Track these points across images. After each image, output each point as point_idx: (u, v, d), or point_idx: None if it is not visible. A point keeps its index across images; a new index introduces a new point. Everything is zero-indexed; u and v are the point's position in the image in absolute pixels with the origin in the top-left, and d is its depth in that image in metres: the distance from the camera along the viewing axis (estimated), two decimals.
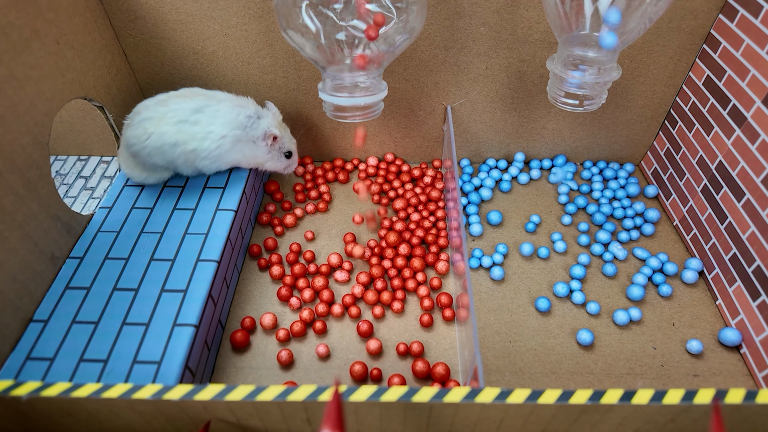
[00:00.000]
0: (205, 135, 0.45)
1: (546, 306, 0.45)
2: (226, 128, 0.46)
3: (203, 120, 0.45)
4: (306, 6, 0.37)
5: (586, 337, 0.43)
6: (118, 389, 0.26)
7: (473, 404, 0.25)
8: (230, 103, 0.46)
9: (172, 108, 0.45)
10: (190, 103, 0.45)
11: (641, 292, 0.46)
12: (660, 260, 0.49)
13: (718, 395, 0.24)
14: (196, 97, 0.46)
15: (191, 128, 0.45)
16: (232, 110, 0.46)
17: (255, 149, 0.48)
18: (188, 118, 0.45)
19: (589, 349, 0.43)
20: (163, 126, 0.44)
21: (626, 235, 0.51)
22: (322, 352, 0.42)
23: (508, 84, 0.53)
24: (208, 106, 0.45)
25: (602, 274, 0.48)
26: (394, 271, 0.47)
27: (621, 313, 0.45)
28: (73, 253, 0.42)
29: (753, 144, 0.42)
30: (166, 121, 0.44)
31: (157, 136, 0.44)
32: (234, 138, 0.46)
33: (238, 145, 0.47)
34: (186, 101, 0.45)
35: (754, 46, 0.42)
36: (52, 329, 0.37)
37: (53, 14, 0.40)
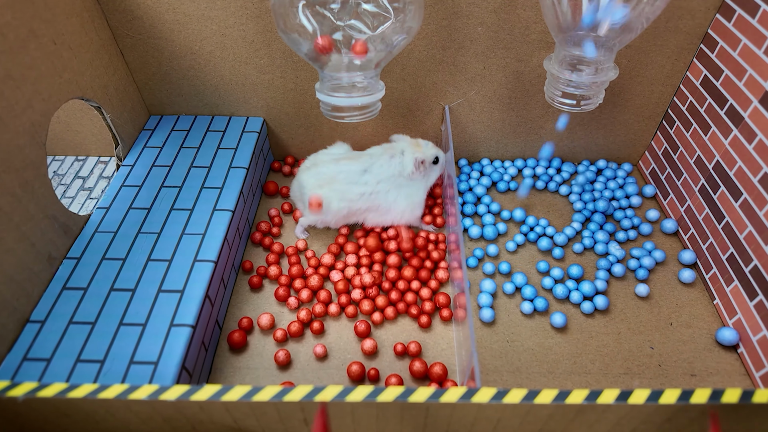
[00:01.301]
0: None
1: (543, 306, 0.45)
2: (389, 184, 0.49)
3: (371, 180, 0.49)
4: (303, 6, 0.37)
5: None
6: (115, 390, 0.26)
7: (470, 404, 0.25)
8: (384, 156, 0.49)
9: (342, 170, 0.48)
10: (358, 165, 0.49)
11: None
12: (657, 260, 0.49)
13: (714, 396, 0.24)
14: (362, 158, 0.49)
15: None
16: (389, 162, 0.48)
17: (413, 182, 0.49)
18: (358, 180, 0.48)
19: (587, 348, 0.43)
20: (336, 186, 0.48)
21: (624, 234, 0.51)
22: (319, 353, 0.42)
23: (505, 84, 0.53)
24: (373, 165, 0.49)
25: (600, 274, 0.48)
26: (394, 272, 0.47)
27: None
28: (70, 253, 0.42)
29: (750, 144, 0.42)
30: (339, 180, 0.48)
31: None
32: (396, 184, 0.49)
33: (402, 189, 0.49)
34: (353, 163, 0.49)
35: (752, 46, 0.42)
36: (49, 330, 0.37)
37: (50, 14, 0.40)
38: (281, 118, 0.56)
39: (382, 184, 0.48)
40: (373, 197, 0.48)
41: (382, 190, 0.48)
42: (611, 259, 0.49)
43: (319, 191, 0.48)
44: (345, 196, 0.48)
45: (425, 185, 0.50)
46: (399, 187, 0.49)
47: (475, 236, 0.51)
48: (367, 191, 0.48)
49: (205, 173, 0.49)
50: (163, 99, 0.55)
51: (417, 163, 0.48)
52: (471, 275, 0.49)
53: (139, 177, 0.49)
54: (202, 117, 0.56)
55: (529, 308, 0.45)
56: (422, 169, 0.49)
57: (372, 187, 0.48)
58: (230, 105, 0.55)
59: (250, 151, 0.52)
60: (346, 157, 0.50)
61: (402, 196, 0.49)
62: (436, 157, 0.50)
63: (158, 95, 0.54)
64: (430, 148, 0.50)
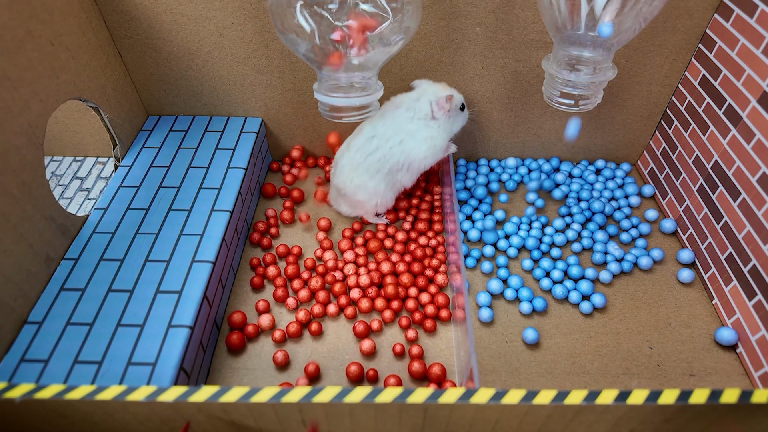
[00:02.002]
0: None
1: (542, 306, 0.45)
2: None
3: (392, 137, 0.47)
4: (300, 6, 0.37)
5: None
6: (112, 391, 0.26)
7: (468, 405, 0.25)
8: (398, 110, 0.48)
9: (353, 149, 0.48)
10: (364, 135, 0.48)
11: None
12: (656, 259, 0.49)
13: (712, 396, 0.24)
14: (366, 126, 0.48)
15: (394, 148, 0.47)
16: (405, 113, 0.47)
17: (439, 125, 0.48)
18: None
19: (585, 349, 0.43)
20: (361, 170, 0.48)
21: (624, 235, 0.51)
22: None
23: (504, 84, 0.53)
24: (380, 125, 0.48)
25: (599, 273, 0.48)
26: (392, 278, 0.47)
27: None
28: (68, 254, 0.42)
29: (748, 144, 0.42)
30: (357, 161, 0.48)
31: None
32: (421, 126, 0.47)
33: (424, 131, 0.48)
34: (360, 136, 0.48)
35: (750, 45, 0.42)
36: (47, 331, 0.37)
37: (47, 15, 0.40)
38: (279, 118, 0.56)
39: (392, 138, 0.47)
40: (392, 155, 0.47)
41: (395, 144, 0.47)
42: (610, 259, 0.49)
43: (356, 181, 0.48)
44: (373, 172, 0.48)
45: (448, 131, 0.49)
46: (415, 132, 0.47)
47: (473, 237, 0.51)
48: (383, 154, 0.47)
49: (203, 174, 0.49)
50: (161, 99, 0.55)
51: (442, 101, 0.46)
52: (469, 276, 0.48)
53: (137, 177, 0.48)
54: (200, 117, 0.56)
55: (528, 308, 0.45)
56: (449, 108, 0.47)
57: (385, 149, 0.47)
58: (228, 105, 0.55)
59: (249, 151, 0.52)
60: (356, 133, 0.49)
61: (419, 140, 0.47)
62: (463, 103, 0.49)
63: (156, 96, 0.54)
64: (456, 92, 0.49)
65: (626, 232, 0.52)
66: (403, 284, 0.46)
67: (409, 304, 0.45)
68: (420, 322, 0.44)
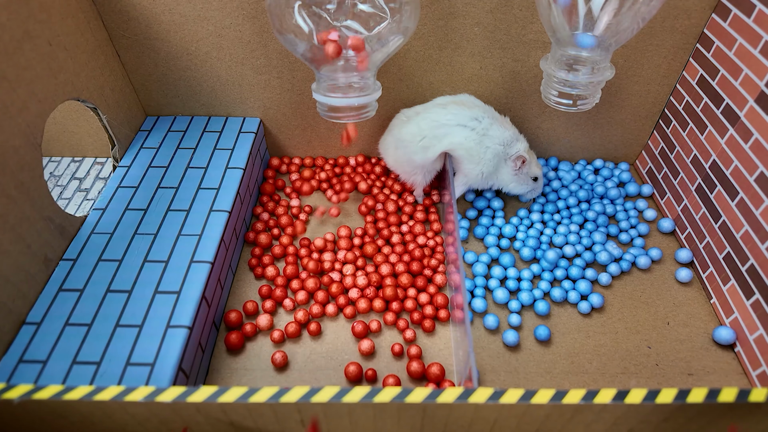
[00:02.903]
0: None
1: (541, 306, 0.45)
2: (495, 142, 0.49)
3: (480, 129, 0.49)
4: (298, 7, 0.37)
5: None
6: (111, 391, 0.26)
7: (467, 404, 0.25)
8: (498, 123, 0.50)
9: (451, 111, 0.49)
10: (469, 112, 0.49)
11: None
12: (654, 258, 0.49)
13: (710, 395, 0.24)
14: (474, 108, 0.49)
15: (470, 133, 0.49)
16: (500, 129, 0.49)
17: (504, 168, 0.50)
18: (467, 124, 0.49)
19: (584, 348, 0.43)
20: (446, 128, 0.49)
21: (623, 235, 0.51)
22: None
23: (502, 84, 0.53)
24: (484, 119, 0.49)
25: (598, 275, 0.48)
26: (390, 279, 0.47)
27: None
28: (66, 254, 0.42)
29: (746, 143, 0.42)
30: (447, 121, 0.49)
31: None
32: (495, 153, 0.49)
33: (495, 159, 0.50)
34: (465, 109, 0.49)
35: (747, 45, 0.42)
36: (45, 331, 0.37)
37: (45, 15, 0.40)
38: (278, 118, 0.56)
39: (489, 141, 0.49)
40: (450, 147, 0.49)
41: (488, 145, 0.49)
42: (607, 258, 0.49)
43: (420, 141, 0.49)
44: (423, 149, 0.50)
45: (505, 181, 0.51)
46: (484, 153, 0.49)
47: (473, 237, 0.51)
48: (450, 142, 0.49)
49: (201, 174, 0.49)
50: (160, 100, 0.55)
51: (518, 156, 0.49)
52: (468, 275, 0.48)
53: (136, 178, 0.48)
54: (198, 118, 0.56)
55: (526, 307, 0.45)
56: (519, 168, 0.50)
57: (479, 137, 0.49)
58: (227, 105, 0.55)
59: (247, 151, 0.52)
60: (454, 105, 0.50)
61: (479, 161, 0.49)
62: (536, 176, 0.51)
63: (155, 96, 0.54)
64: (536, 165, 0.51)
65: (625, 232, 0.52)
66: (402, 285, 0.46)
67: (408, 305, 0.45)
68: (419, 322, 0.44)
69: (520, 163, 0.50)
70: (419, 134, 0.49)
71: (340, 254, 0.49)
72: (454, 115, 0.48)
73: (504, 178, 0.51)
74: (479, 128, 0.48)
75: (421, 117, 0.49)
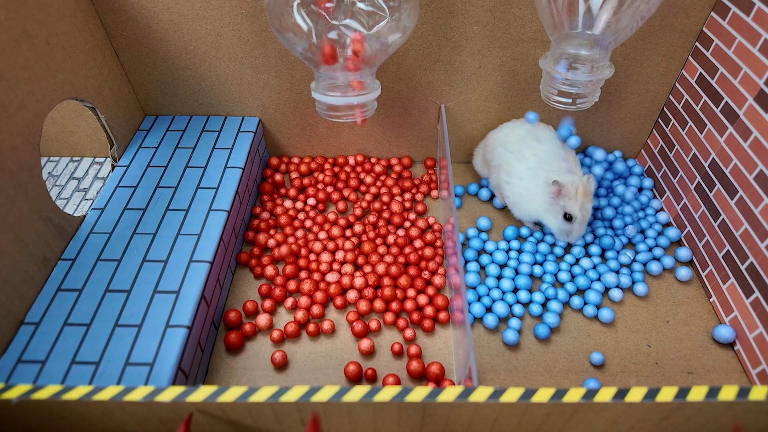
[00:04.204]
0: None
1: (540, 305, 0.45)
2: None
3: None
4: (297, 5, 0.37)
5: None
6: (110, 391, 0.26)
7: (467, 403, 0.25)
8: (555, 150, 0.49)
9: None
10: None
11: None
12: (654, 257, 0.49)
13: (710, 394, 0.24)
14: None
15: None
16: (553, 155, 0.48)
17: (541, 195, 0.48)
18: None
19: (584, 347, 0.43)
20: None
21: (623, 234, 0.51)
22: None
23: (501, 83, 0.53)
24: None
25: (596, 272, 0.48)
26: (389, 279, 0.47)
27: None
28: (65, 254, 0.42)
29: (745, 141, 0.42)
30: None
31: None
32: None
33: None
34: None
35: (746, 43, 0.42)
36: (44, 331, 0.37)
37: (43, 15, 0.40)
38: (277, 117, 0.56)
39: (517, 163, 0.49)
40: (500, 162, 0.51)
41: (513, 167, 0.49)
42: (615, 264, 0.48)
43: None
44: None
45: (539, 207, 0.48)
46: (530, 179, 0.48)
47: (472, 237, 0.51)
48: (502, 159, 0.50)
49: (200, 173, 0.49)
50: (159, 99, 0.55)
51: (557, 188, 0.46)
52: (468, 276, 0.48)
53: (135, 177, 0.48)
54: (197, 117, 0.56)
55: (525, 307, 0.45)
56: (553, 194, 0.46)
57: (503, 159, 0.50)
58: (226, 105, 0.55)
59: (246, 150, 0.52)
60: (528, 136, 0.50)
61: (522, 187, 0.49)
62: (570, 214, 0.46)
63: (153, 95, 0.54)
64: (580, 207, 0.46)
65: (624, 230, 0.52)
66: (401, 286, 0.46)
67: (408, 305, 0.45)
68: (418, 322, 0.44)
69: (556, 191, 0.46)
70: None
71: (338, 254, 0.49)
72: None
73: (537, 202, 0.48)
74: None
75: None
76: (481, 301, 0.45)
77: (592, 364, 0.42)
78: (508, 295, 0.46)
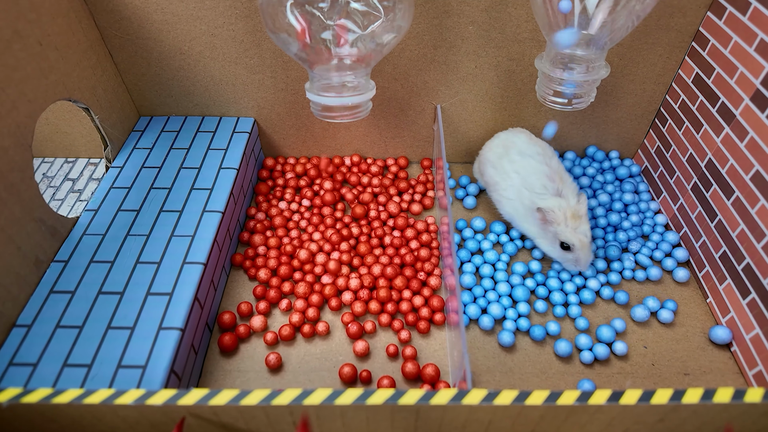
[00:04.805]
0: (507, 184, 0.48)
1: (538, 306, 0.45)
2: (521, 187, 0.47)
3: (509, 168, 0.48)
4: (291, 5, 0.37)
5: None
6: (101, 395, 0.25)
7: (460, 406, 0.25)
8: (540, 168, 0.46)
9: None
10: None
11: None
12: (657, 259, 0.49)
13: (705, 395, 0.24)
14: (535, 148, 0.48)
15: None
16: (537, 174, 0.46)
17: (532, 218, 0.46)
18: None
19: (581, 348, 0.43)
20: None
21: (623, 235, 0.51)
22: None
23: (497, 83, 0.52)
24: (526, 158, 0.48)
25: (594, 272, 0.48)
26: (385, 281, 0.46)
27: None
28: (57, 256, 0.41)
29: (742, 141, 0.42)
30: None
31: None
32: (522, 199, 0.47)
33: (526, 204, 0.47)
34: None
35: (742, 43, 0.42)
36: (36, 334, 0.36)
37: (35, 15, 0.40)
38: (272, 118, 0.56)
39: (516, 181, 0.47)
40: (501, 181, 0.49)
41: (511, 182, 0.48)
42: (617, 267, 0.48)
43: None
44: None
45: (532, 233, 0.47)
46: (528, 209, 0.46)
47: (468, 237, 0.51)
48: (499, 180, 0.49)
49: (195, 174, 0.49)
50: (153, 100, 0.54)
51: (543, 213, 0.44)
52: (464, 277, 0.48)
53: (129, 179, 0.48)
54: (192, 118, 0.56)
55: (524, 308, 0.45)
56: (545, 225, 0.44)
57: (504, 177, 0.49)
58: (221, 105, 0.55)
59: (241, 151, 0.51)
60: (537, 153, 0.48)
61: (520, 206, 0.47)
62: (566, 244, 0.44)
63: (148, 96, 0.54)
64: (573, 232, 0.43)
65: (626, 231, 0.52)
66: (397, 287, 0.46)
67: (403, 307, 0.45)
68: (414, 324, 0.44)
69: (540, 216, 0.44)
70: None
71: (334, 255, 0.49)
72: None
73: (531, 229, 0.47)
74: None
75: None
76: (477, 302, 0.45)
77: (588, 365, 0.42)
78: (504, 299, 0.45)
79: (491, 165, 0.50)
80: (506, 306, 0.45)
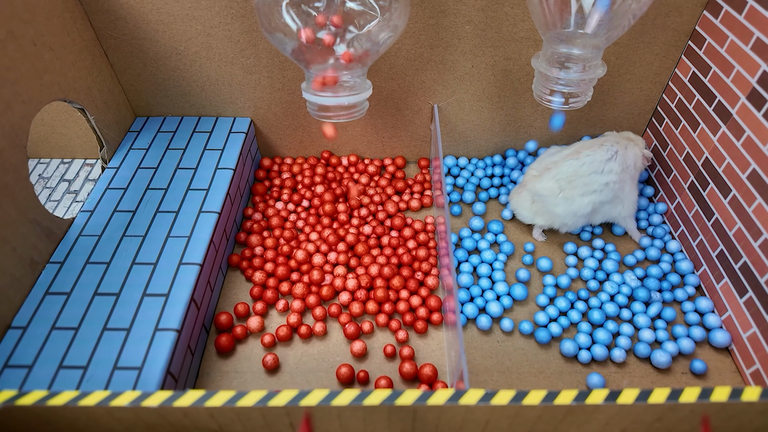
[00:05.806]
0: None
1: (536, 304, 0.45)
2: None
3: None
4: (286, 5, 0.37)
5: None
6: (96, 397, 0.25)
7: (458, 406, 0.25)
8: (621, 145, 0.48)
9: (585, 161, 0.47)
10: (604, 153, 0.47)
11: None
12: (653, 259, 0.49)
13: (703, 395, 0.24)
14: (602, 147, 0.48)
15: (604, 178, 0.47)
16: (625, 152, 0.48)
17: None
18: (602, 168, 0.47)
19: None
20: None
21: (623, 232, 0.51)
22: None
23: (494, 82, 0.52)
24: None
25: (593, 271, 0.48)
26: (382, 281, 0.46)
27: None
28: (53, 257, 0.41)
29: (738, 140, 0.42)
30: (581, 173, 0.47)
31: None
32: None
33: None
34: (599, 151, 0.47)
35: (738, 42, 0.42)
36: (31, 336, 0.36)
37: (29, 15, 0.39)
38: (269, 118, 0.56)
39: (625, 173, 0.48)
40: (616, 187, 0.47)
41: (623, 180, 0.47)
42: (619, 281, 0.47)
43: (560, 194, 0.47)
44: (589, 189, 0.47)
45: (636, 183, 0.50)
46: (632, 179, 0.49)
47: (464, 237, 0.51)
48: (612, 180, 0.47)
49: (191, 175, 0.49)
50: (149, 100, 0.54)
51: (645, 159, 0.50)
52: (461, 277, 0.48)
53: (125, 179, 0.48)
54: (188, 118, 0.55)
55: (520, 307, 0.45)
56: (646, 165, 0.50)
57: (617, 176, 0.47)
58: (217, 105, 0.55)
59: (237, 151, 0.51)
60: (585, 147, 0.48)
61: (631, 188, 0.49)
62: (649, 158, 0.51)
63: (144, 96, 0.54)
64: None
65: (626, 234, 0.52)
66: (394, 287, 0.46)
67: (400, 307, 0.44)
68: (411, 324, 0.44)
69: (645, 161, 0.50)
70: (558, 188, 0.47)
71: (331, 255, 0.48)
72: (590, 164, 0.47)
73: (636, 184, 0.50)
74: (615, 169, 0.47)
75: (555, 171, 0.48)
76: (474, 302, 0.45)
77: (584, 364, 0.42)
78: (504, 298, 0.45)
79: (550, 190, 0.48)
80: (505, 306, 0.45)
